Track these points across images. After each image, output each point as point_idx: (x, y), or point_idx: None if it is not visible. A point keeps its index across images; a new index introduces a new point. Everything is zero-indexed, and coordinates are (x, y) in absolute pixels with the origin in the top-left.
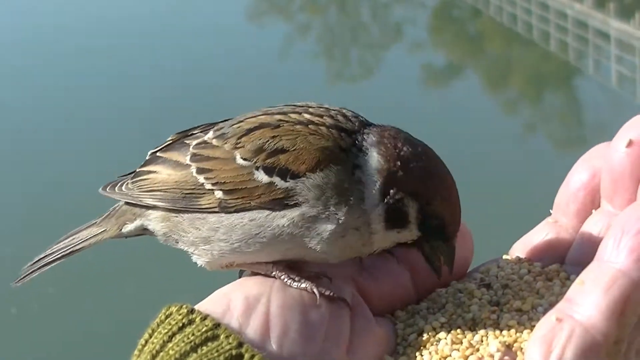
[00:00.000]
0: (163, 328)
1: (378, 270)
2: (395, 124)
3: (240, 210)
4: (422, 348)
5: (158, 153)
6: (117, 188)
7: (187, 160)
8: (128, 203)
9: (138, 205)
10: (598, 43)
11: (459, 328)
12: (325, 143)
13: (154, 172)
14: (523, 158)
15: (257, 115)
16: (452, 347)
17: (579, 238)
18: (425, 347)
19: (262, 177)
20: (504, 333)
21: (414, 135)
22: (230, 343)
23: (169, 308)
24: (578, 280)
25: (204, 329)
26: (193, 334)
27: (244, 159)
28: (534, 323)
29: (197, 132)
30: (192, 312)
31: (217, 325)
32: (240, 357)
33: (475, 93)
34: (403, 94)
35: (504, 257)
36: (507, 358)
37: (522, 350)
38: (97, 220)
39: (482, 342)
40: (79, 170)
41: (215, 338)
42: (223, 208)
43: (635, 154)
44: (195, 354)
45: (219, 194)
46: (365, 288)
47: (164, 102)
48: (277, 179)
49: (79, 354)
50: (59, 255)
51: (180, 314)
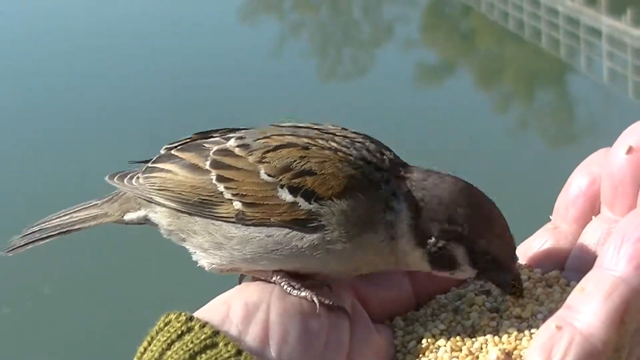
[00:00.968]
0: (162, 336)
1: (377, 277)
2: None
3: (259, 225)
4: (421, 355)
5: (173, 151)
6: (126, 180)
7: (206, 166)
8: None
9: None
10: (590, 40)
11: (459, 335)
12: (354, 172)
13: (169, 171)
14: (516, 155)
15: (284, 135)
16: (451, 354)
17: (579, 244)
18: (425, 354)
19: (285, 195)
20: (504, 340)
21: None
22: (229, 351)
23: (168, 315)
24: (578, 287)
25: (203, 337)
26: (192, 342)
27: (269, 175)
28: (534, 330)
29: (216, 136)
30: (191, 319)
31: (216, 333)
32: None
33: (468, 90)
34: (396, 92)
35: None
36: None
37: (522, 358)
38: (97, 202)
39: (481, 349)
40: (79, 170)
41: (214, 346)
42: (240, 219)
43: (636, 161)
44: None
45: (238, 205)
46: (365, 294)
47: (158, 101)
48: (301, 200)
49: (74, 355)
50: (55, 232)
51: (179, 322)
